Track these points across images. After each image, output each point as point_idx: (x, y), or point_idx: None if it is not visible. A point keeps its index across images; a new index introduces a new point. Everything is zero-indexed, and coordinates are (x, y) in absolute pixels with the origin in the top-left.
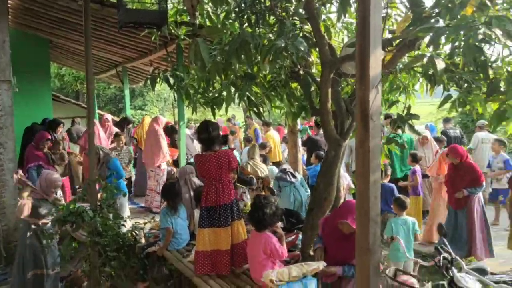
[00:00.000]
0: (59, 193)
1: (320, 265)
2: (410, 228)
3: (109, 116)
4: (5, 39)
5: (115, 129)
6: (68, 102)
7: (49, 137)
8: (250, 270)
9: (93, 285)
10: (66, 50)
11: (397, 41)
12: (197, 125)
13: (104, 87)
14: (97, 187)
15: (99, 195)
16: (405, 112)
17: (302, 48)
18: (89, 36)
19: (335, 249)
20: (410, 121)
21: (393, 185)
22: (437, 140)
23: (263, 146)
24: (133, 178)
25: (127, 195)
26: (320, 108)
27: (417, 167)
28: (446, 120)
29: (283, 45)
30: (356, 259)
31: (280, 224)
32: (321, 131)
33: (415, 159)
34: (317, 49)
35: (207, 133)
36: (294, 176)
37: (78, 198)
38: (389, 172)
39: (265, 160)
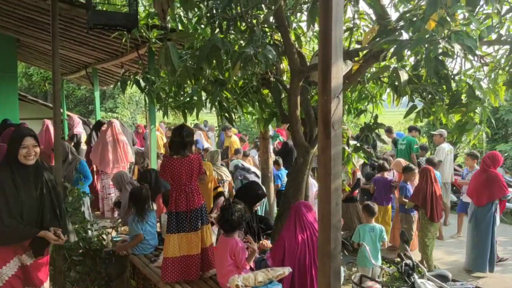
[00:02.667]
0: None
1: (286, 270)
2: (377, 235)
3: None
4: None
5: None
6: (36, 103)
7: None
8: (217, 275)
9: None
10: (35, 49)
11: (364, 51)
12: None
13: (74, 88)
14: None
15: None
16: (372, 121)
17: (270, 56)
18: (56, 36)
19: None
20: (376, 130)
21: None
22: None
23: (245, 154)
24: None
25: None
26: (289, 115)
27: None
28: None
29: (252, 52)
30: (318, 263)
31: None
32: None
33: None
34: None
35: (181, 137)
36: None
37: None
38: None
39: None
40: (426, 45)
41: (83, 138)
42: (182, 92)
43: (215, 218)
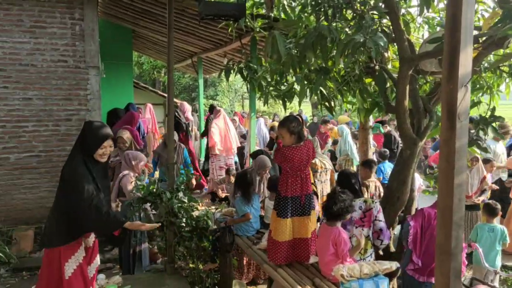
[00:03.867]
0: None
1: (393, 265)
2: (497, 236)
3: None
4: (94, 27)
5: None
6: (146, 89)
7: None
8: (319, 263)
9: (168, 261)
10: (147, 39)
11: (483, 38)
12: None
13: (179, 76)
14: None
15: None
16: (488, 113)
17: (381, 44)
18: (172, 27)
19: (428, 245)
20: (493, 124)
21: None
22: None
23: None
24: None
25: None
26: (396, 105)
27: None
28: None
29: (361, 40)
30: (436, 262)
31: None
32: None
33: None
34: (394, 44)
35: (300, 126)
36: None
37: (158, 179)
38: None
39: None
40: None
41: (193, 125)
42: (283, 81)
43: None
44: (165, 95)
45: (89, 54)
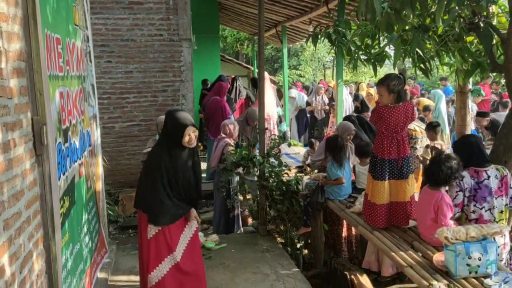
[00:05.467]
0: None
1: (504, 229)
2: None
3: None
4: (186, 1)
5: None
6: (231, 61)
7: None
8: (418, 227)
9: (260, 223)
10: (233, 11)
11: None
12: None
13: None
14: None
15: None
16: None
17: None
18: None
19: None
20: None
21: None
22: None
23: None
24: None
25: None
26: (506, 63)
27: None
28: None
29: None
30: None
31: None
32: None
33: None
34: None
35: (401, 85)
36: None
37: (250, 144)
38: None
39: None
40: None
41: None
42: (374, 44)
43: None
44: (249, 66)
45: (182, 27)
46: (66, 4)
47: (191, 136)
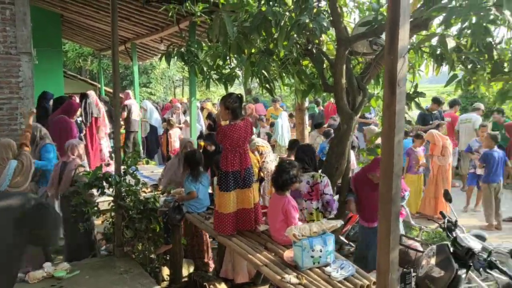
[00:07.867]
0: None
1: (338, 223)
2: None
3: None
4: (26, 11)
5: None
6: (75, 78)
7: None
8: (270, 229)
9: (117, 245)
10: (77, 25)
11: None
12: None
13: (109, 64)
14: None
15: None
16: (412, 90)
17: (325, 24)
18: (115, 10)
19: (367, 198)
20: (416, 99)
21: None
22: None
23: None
24: None
25: None
26: (335, 84)
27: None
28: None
29: (307, 20)
30: (380, 207)
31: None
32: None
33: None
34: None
35: (237, 103)
36: None
37: (104, 164)
38: None
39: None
40: (475, 12)
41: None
42: (225, 65)
43: None
44: (95, 83)
45: (21, 40)
46: None
47: None
